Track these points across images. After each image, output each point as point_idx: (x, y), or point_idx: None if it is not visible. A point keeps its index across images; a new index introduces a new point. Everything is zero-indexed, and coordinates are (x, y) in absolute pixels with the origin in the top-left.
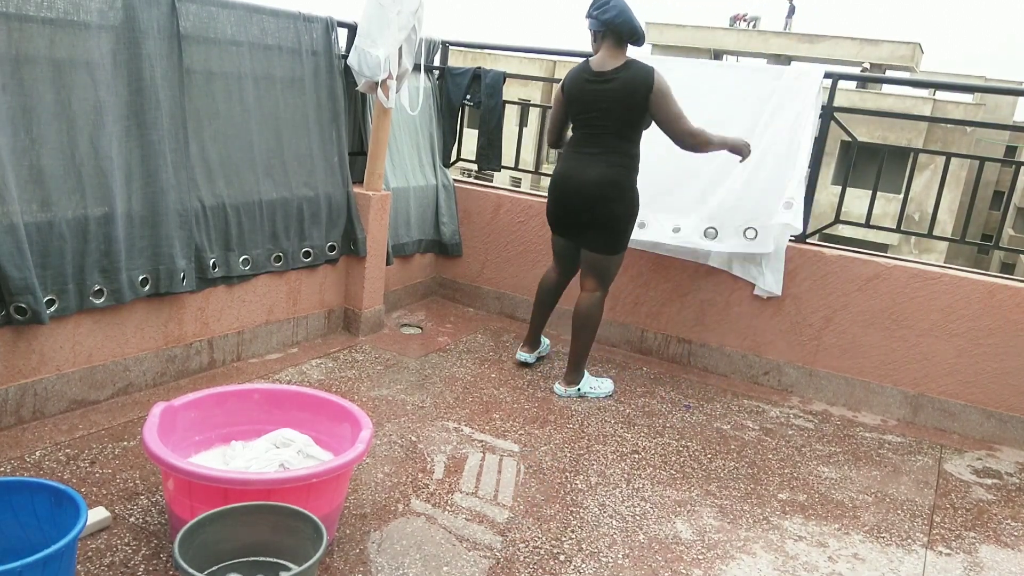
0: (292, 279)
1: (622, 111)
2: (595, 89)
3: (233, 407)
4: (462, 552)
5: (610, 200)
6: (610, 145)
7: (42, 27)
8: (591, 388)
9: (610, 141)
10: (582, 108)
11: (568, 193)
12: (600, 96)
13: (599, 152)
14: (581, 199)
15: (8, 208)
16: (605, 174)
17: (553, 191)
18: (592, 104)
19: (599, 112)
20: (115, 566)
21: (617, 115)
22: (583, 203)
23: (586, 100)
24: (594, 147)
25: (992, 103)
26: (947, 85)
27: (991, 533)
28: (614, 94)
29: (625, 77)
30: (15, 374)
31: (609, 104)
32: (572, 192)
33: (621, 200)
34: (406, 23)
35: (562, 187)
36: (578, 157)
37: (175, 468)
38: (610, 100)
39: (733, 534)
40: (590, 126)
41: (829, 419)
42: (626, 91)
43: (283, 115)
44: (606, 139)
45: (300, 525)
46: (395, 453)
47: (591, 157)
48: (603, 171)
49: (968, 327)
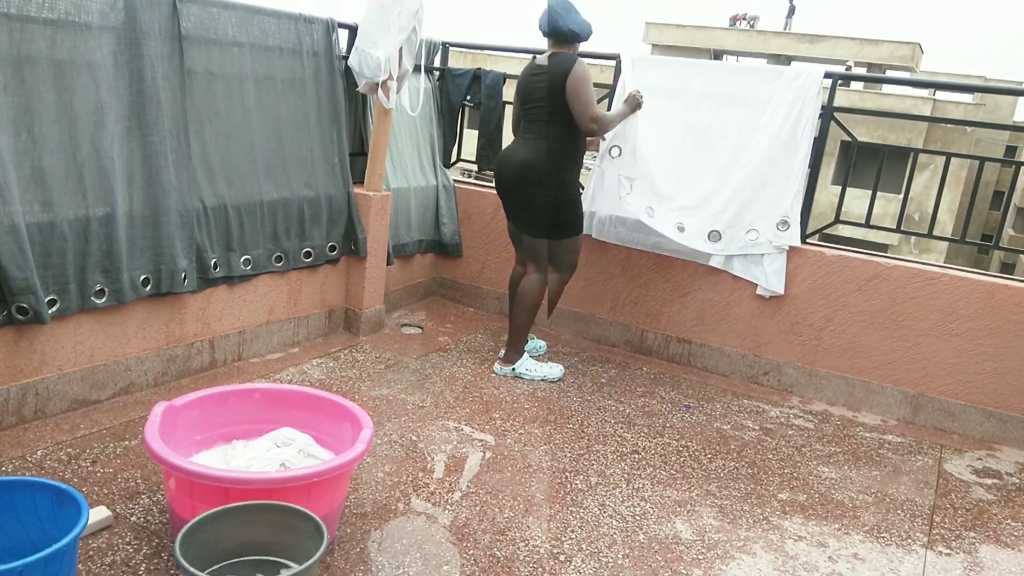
0: (293, 279)
1: (549, 98)
2: (533, 81)
3: (234, 406)
4: (462, 551)
5: (528, 183)
6: (540, 131)
7: (44, 28)
8: (527, 370)
9: (540, 128)
10: (524, 99)
11: (497, 174)
12: (535, 86)
13: (531, 138)
14: (506, 180)
15: (10, 208)
16: (526, 157)
17: (494, 175)
18: (529, 94)
19: (533, 101)
20: (116, 565)
21: (546, 103)
22: (508, 184)
23: (527, 91)
24: (528, 133)
25: (992, 103)
26: (947, 85)
27: (991, 533)
28: (544, 83)
29: (552, 66)
30: (17, 374)
31: (541, 93)
32: (499, 174)
33: (539, 184)
34: (406, 24)
35: (498, 171)
36: (516, 143)
37: (176, 467)
38: (542, 89)
39: (733, 534)
40: (527, 114)
41: (829, 419)
42: (551, 79)
43: (284, 116)
44: (538, 126)
45: (301, 524)
46: (395, 452)
47: (523, 142)
48: (526, 155)
49: (968, 327)
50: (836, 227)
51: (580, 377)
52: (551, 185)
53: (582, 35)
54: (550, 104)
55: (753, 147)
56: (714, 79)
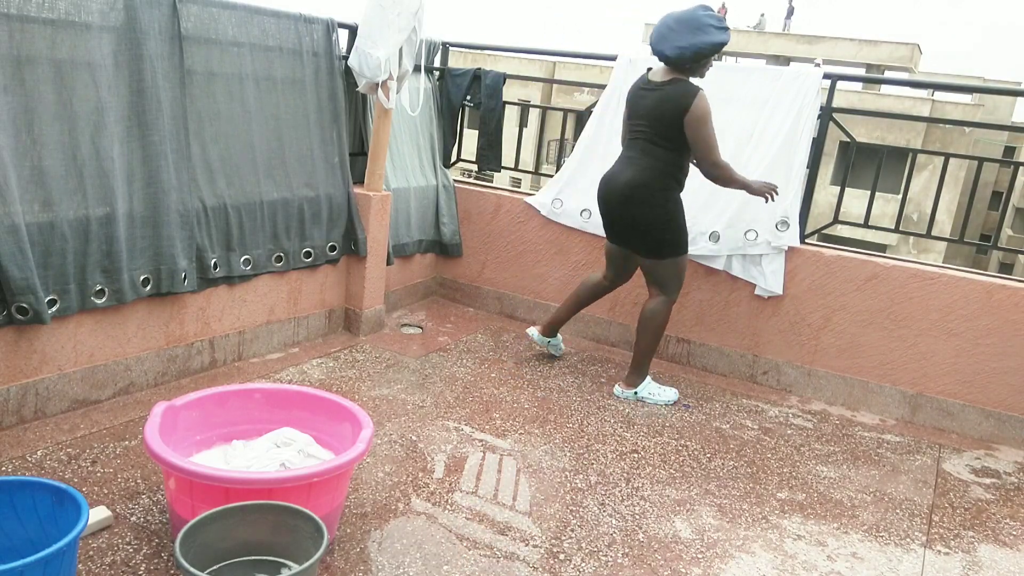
0: (293, 279)
1: (655, 121)
2: (643, 97)
3: (234, 407)
4: (462, 551)
5: (637, 203)
6: (646, 150)
7: (44, 28)
8: (650, 393)
9: (647, 147)
10: (630, 113)
11: (602, 195)
12: (644, 104)
13: (636, 156)
14: (615, 201)
15: (10, 208)
16: (634, 177)
17: (597, 194)
18: (637, 111)
19: (640, 119)
20: (116, 565)
21: (652, 124)
22: (616, 204)
23: (635, 106)
24: (632, 151)
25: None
26: (945, 86)
27: (989, 532)
28: (651, 103)
29: (667, 91)
30: (17, 374)
31: (651, 114)
32: (605, 194)
33: (648, 203)
34: (406, 24)
35: (600, 189)
36: (620, 160)
37: (176, 467)
38: (652, 111)
39: (732, 533)
40: (633, 131)
41: (828, 419)
42: (661, 104)
43: (284, 116)
44: (643, 144)
45: (301, 524)
46: (395, 452)
47: (628, 161)
48: (633, 174)
49: (966, 327)
50: (835, 227)
51: (580, 377)
52: (658, 204)
53: (710, 53)
54: (660, 129)
55: (752, 148)
56: (713, 80)
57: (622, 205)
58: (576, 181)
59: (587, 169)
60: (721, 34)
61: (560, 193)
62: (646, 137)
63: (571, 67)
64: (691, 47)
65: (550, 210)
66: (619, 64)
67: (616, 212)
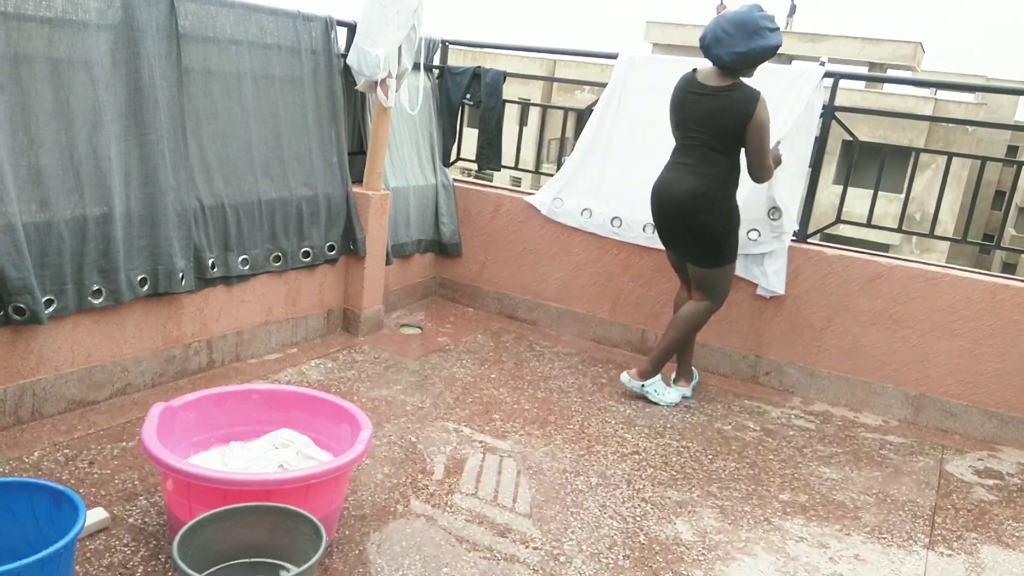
0: (291, 279)
1: (717, 129)
2: (695, 100)
3: (232, 408)
4: (462, 553)
5: (701, 213)
6: (706, 157)
7: (40, 26)
8: (655, 391)
9: (705, 154)
10: (681, 118)
11: (660, 205)
12: (699, 109)
13: (693, 164)
14: (675, 210)
15: (7, 208)
16: (696, 186)
17: (652, 204)
18: (691, 116)
19: (697, 125)
20: (114, 567)
21: (713, 131)
22: (677, 214)
23: (686, 110)
24: (689, 158)
25: (993, 103)
26: (948, 85)
27: (992, 534)
28: (712, 110)
29: (728, 98)
30: (13, 374)
31: (708, 119)
32: (666, 203)
33: (711, 212)
34: (405, 22)
35: (657, 198)
36: (675, 168)
37: (174, 469)
38: (709, 116)
39: (734, 535)
40: (688, 137)
41: (830, 420)
42: (724, 112)
43: (282, 114)
44: (702, 151)
45: (299, 526)
46: (394, 454)
47: (685, 168)
48: (695, 183)
49: (969, 327)
50: (837, 227)
51: (581, 378)
52: (721, 212)
53: (767, 57)
54: (721, 136)
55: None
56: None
57: (684, 215)
58: (576, 180)
59: (587, 168)
60: (776, 36)
61: (560, 192)
62: (704, 144)
63: (571, 65)
64: (750, 52)
65: (550, 209)
66: (619, 63)
67: (676, 222)
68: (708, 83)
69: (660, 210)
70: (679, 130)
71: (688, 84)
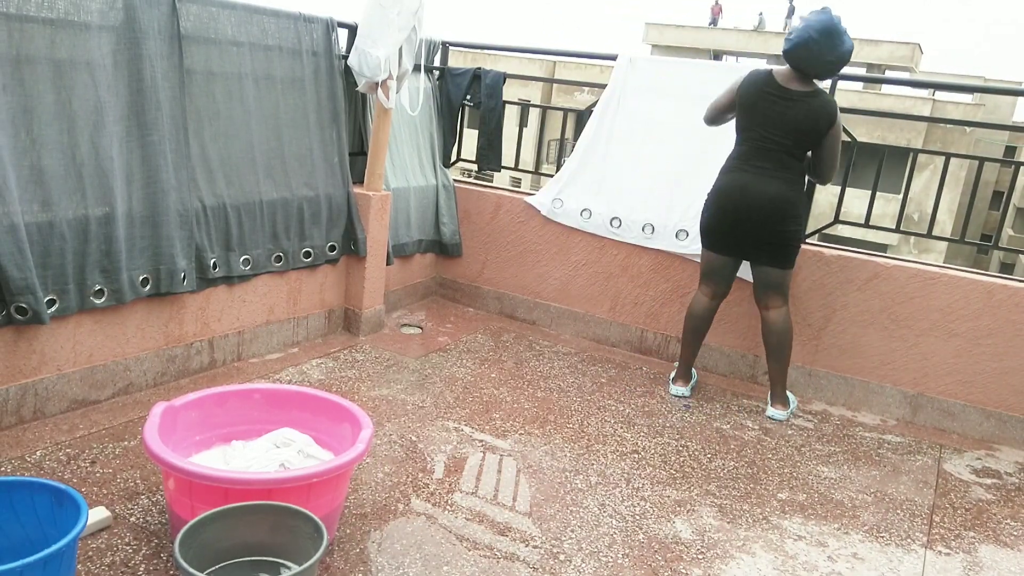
0: (292, 279)
1: (800, 135)
2: (776, 104)
3: (233, 407)
4: (462, 552)
5: (788, 217)
6: (784, 162)
7: (43, 27)
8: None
9: (784, 159)
10: (758, 120)
11: (739, 208)
12: (781, 114)
13: (772, 168)
14: (759, 215)
15: (9, 208)
16: (782, 191)
17: (722, 205)
18: (769, 119)
19: (777, 129)
20: (116, 566)
21: (795, 137)
22: (761, 218)
23: (764, 113)
24: (767, 162)
25: (991, 103)
26: (946, 85)
27: (990, 533)
28: (797, 117)
29: (812, 104)
30: (16, 374)
31: (789, 125)
32: (746, 207)
33: (794, 218)
34: (406, 23)
35: (734, 201)
36: (753, 171)
37: (176, 468)
38: (791, 121)
39: (733, 533)
40: (765, 140)
41: (828, 419)
42: (809, 118)
43: (283, 115)
44: (780, 156)
45: (300, 525)
46: (395, 453)
47: (764, 172)
48: (781, 188)
49: (967, 327)
50: (835, 227)
51: (580, 377)
52: (802, 217)
53: (846, 63)
54: (803, 142)
55: None
56: (714, 80)
57: (769, 220)
58: (576, 181)
59: (587, 169)
60: (849, 39)
61: (560, 193)
62: (782, 148)
63: (571, 66)
64: (840, 60)
65: (550, 209)
66: (619, 64)
67: (755, 225)
68: (790, 87)
69: (736, 213)
70: (752, 132)
71: (766, 85)
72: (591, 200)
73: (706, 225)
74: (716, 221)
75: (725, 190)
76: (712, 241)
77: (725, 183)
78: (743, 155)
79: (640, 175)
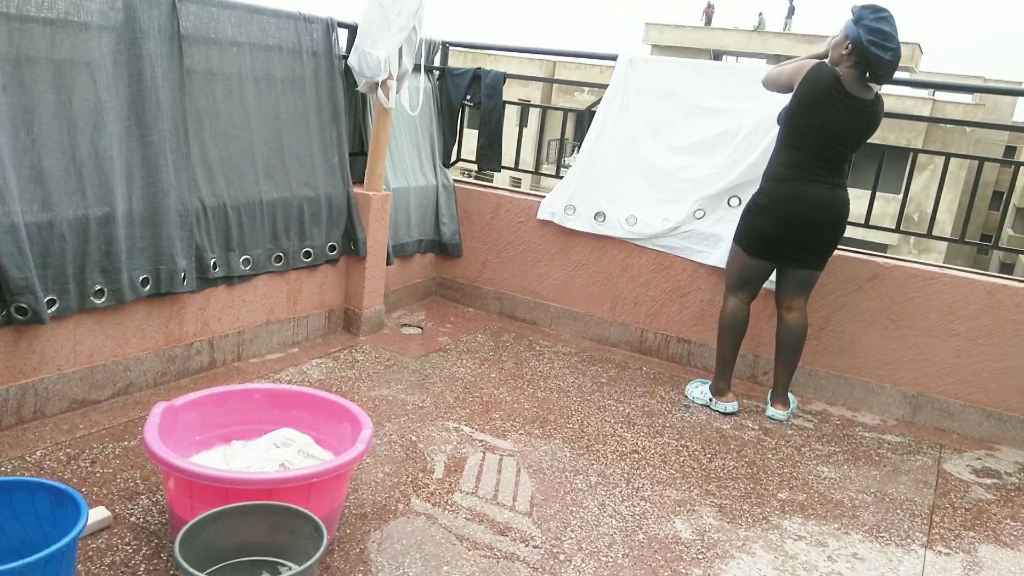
0: (292, 279)
1: (858, 144)
2: (843, 112)
3: (234, 407)
4: (462, 552)
5: (843, 222)
6: (842, 170)
7: (43, 27)
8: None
9: (839, 165)
10: (820, 125)
11: (812, 218)
12: (846, 124)
13: (832, 176)
14: (824, 224)
15: (9, 208)
16: (844, 199)
17: (786, 215)
18: (833, 127)
19: (839, 138)
20: (116, 565)
21: (854, 146)
22: (825, 227)
23: (827, 120)
24: (826, 170)
25: (991, 103)
26: (946, 85)
27: (990, 533)
28: (859, 127)
29: (877, 113)
30: (16, 374)
31: (852, 135)
32: (811, 215)
33: (845, 224)
34: (406, 23)
35: (804, 212)
36: (816, 181)
37: (176, 468)
38: (855, 132)
39: (732, 533)
40: (825, 149)
41: (828, 419)
42: (871, 127)
43: (283, 115)
44: (839, 164)
45: (300, 524)
46: (395, 453)
47: (825, 180)
48: (843, 197)
49: (967, 327)
50: None
51: (580, 377)
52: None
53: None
54: (855, 148)
55: (754, 147)
56: (715, 80)
57: (830, 228)
58: (586, 185)
59: (593, 171)
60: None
61: (571, 199)
62: (839, 155)
63: (571, 67)
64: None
65: (563, 217)
66: (620, 64)
67: (817, 231)
68: (859, 95)
69: (804, 224)
70: (811, 140)
71: (833, 90)
72: (604, 203)
73: (761, 233)
74: (778, 230)
75: (789, 199)
76: (764, 248)
77: (788, 193)
78: (801, 163)
79: (644, 175)
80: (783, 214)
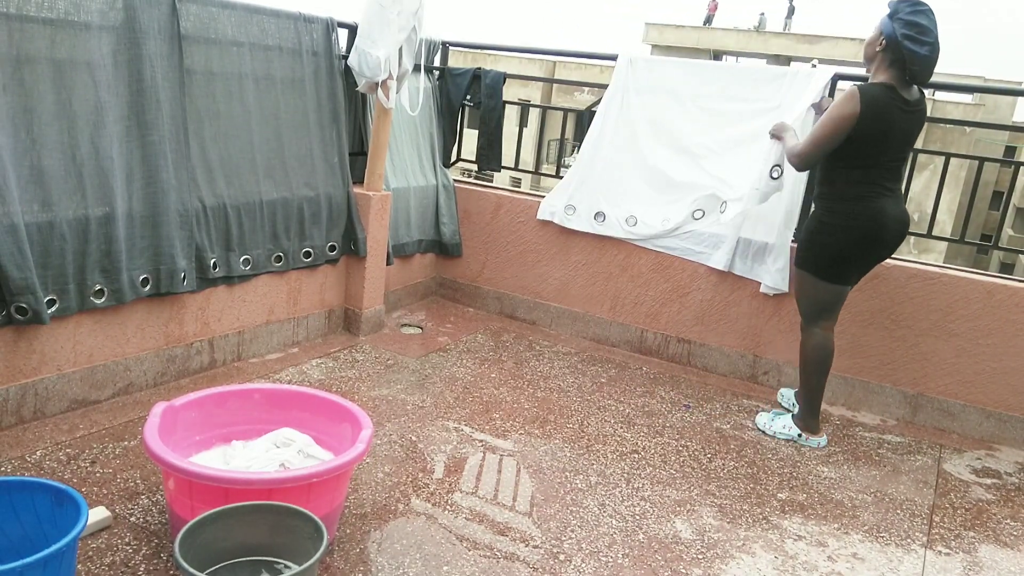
0: (292, 279)
1: (910, 146)
2: (906, 120)
3: (234, 407)
4: (462, 552)
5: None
6: (899, 177)
7: (43, 27)
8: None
9: (899, 174)
10: (892, 138)
11: (894, 236)
12: (908, 130)
13: (894, 187)
14: (899, 240)
15: (9, 208)
16: (908, 213)
17: (871, 236)
18: (901, 138)
19: (905, 146)
20: (116, 565)
21: (909, 149)
22: (897, 242)
23: (900, 132)
24: (895, 183)
25: (991, 103)
26: (946, 85)
27: (990, 533)
28: (914, 129)
29: (924, 111)
30: (16, 374)
31: (911, 139)
32: (895, 234)
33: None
34: (406, 23)
35: (887, 230)
36: (890, 195)
37: (176, 468)
38: (912, 135)
39: (732, 533)
40: (895, 160)
41: (828, 419)
42: (920, 126)
43: (283, 115)
44: (897, 172)
45: (300, 524)
46: (395, 453)
47: (896, 194)
48: (906, 210)
49: (967, 327)
50: None
51: (580, 377)
52: None
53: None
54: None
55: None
56: (715, 80)
57: (898, 242)
58: (586, 185)
59: (593, 172)
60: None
61: (571, 199)
62: (900, 163)
63: (571, 67)
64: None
65: (563, 217)
66: (620, 64)
67: (889, 249)
68: (911, 99)
69: (888, 242)
70: (886, 155)
71: (894, 100)
72: (603, 203)
73: (839, 255)
74: (859, 249)
75: (869, 216)
76: (849, 273)
77: (867, 211)
78: (876, 179)
79: (645, 175)
80: (865, 233)
